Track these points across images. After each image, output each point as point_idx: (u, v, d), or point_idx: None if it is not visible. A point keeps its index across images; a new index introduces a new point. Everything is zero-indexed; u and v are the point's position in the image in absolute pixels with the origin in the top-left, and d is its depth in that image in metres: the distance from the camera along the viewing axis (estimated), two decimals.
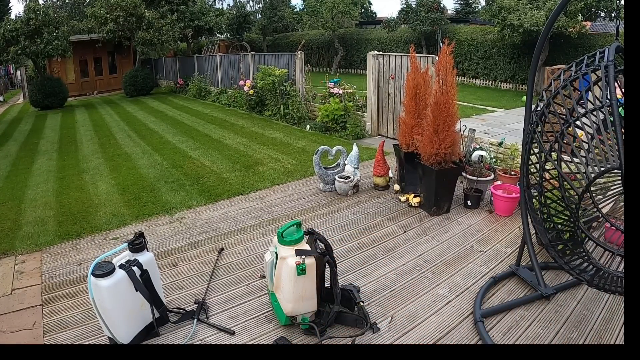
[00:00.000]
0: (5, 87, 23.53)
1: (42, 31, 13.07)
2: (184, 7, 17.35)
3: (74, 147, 8.10)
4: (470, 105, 10.97)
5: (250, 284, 3.05)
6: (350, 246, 3.57)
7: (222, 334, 2.52)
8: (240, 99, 11.07)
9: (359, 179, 4.85)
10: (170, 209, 4.57)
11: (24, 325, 2.70)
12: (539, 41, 2.65)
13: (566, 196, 2.04)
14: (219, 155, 6.73)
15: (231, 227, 4.03)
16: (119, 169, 6.31)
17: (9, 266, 3.50)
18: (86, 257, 3.55)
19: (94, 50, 17.92)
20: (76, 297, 2.95)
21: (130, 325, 2.40)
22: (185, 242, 3.75)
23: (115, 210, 4.62)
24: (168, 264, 3.38)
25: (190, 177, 5.66)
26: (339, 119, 7.78)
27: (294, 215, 4.24)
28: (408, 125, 4.44)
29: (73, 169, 6.50)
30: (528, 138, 2.46)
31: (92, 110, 13.44)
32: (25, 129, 10.86)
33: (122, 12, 14.44)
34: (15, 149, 8.41)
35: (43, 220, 4.42)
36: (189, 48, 19.70)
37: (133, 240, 2.49)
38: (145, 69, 17.11)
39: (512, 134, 7.44)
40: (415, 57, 4.55)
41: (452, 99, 3.89)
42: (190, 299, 2.86)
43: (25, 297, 3.02)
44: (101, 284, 2.22)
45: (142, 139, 8.37)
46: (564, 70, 2.20)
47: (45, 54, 13.40)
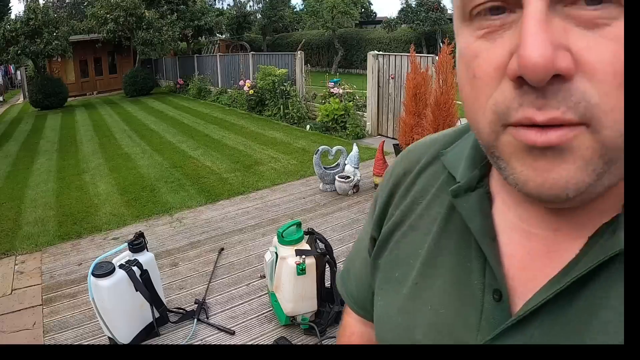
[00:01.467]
0: (5, 87, 23.54)
1: (42, 31, 13.07)
2: (184, 7, 17.35)
3: (74, 147, 8.10)
4: None
5: (250, 284, 3.05)
6: (350, 246, 3.57)
7: (222, 334, 2.52)
8: (240, 99, 11.06)
9: (359, 179, 4.85)
10: (170, 209, 4.57)
11: (24, 325, 2.70)
12: None
13: None
14: (219, 155, 6.73)
15: (231, 227, 4.03)
16: (119, 169, 6.31)
17: (9, 266, 3.51)
18: (86, 257, 3.55)
19: (94, 50, 17.91)
20: (76, 297, 2.95)
21: (130, 325, 2.40)
22: (185, 242, 3.75)
23: (115, 210, 4.62)
24: (168, 264, 3.38)
25: (190, 177, 5.66)
26: (339, 119, 7.78)
27: (294, 215, 4.24)
28: (408, 125, 4.45)
29: (73, 169, 6.51)
30: None
31: (92, 110, 13.44)
32: (25, 129, 10.86)
33: (122, 12, 14.44)
34: (15, 149, 8.41)
35: (43, 221, 4.42)
36: (189, 48, 19.70)
37: (133, 240, 2.49)
38: (145, 69, 17.11)
39: None
40: (415, 57, 4.55)
41: (452, 99, 3.90)
42: (190, 299, 2.86)
43: (26, 297, 3.02)
44: (101, 284, 2.22)
45: (142, 139, 8.37)
46: None
47: (45, 54, 13.40)
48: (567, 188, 0.30)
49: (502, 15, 0.30)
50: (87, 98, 17.76)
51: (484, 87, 0.32)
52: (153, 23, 14.93)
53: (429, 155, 0.51)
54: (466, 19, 0.33)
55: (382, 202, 0.53)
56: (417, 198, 0.49)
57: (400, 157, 0.55)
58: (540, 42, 0.27)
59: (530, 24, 0.27)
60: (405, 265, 0.47)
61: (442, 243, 0.44)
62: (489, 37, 0.31)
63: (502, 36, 0.31)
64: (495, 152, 0.33)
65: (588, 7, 0.27)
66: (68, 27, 14.64)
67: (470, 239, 0.41)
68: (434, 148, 0.51)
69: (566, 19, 0.28)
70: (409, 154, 0.54)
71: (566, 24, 0.28)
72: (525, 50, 0.27)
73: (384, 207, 0.52)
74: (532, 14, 0.28)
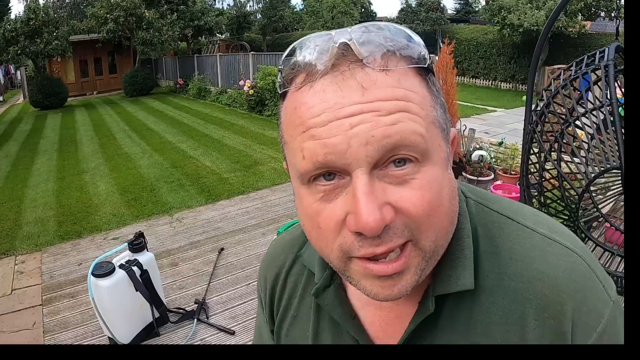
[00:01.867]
0: (5, 87, 23.54)
1: (42, 31, 13.07)
2: (184, 7, 17.33)
3: (74, 147, 8.10)
4: (470, 105, 10.97)
5: (250, 284, 3.05)
6: None
7: (222, 334, 2.52)
8: (240, 98, 11.06)
9: None
10: (170, 209, 4.57)
11: (24, 325, 2.70)
12: (539, 41, 2.65)
13: (566, 196, 2.04)
14: (219, 155, 6.72)
15: (231, 227, 4.03)
16: (119, 169, 6.31)
17: (9, 266, 3.51)
18: (86, 257, 3.55)
19: (94, 50, 17.90)
20: (76, 297, 2.95)
21: (130, 325, 2.40)
22: (185, 242, 3.75)
23: (115, 210, 4.62)
24: (168, 264, 3.38)
25: (190, 177, 5.66)
26: None
27: (294, 215, 4.24)
28: None
29: (73, 169, 6.51)
30: (528, 138, 2.46)
31: (92, 110, 13.44)
32: (25, 129, 10.86)
33: (122, 12, 14.43)
34: (15, 149, 8.41)
35: (43, 220, 4.42)
36: (189, 48, 19.69)
37: (133, 240, 2.49)
38: (145, 69, 17.10)
39: (512, 133, 7.44)
40: None
41: (452, 99, 3.90)
42: (190, 299, 2.86)
43: (26, 297, 3.02)
44: (101, 284, 2.22)
45: (142, 139, 8.37)
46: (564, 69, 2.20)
47: (45, 54, 13.40)
48: (406, 290, 0.42)
49: (334, 180, 0.40)
50: (87, 98, 17.76)
51: (329, 235, 0.42)
52: (153, 23, 14.92)
53: (290, 259, 0.63)
54: (304, 183, 0.42)
55: (268, 303, 0.65)
56: (292, 293, 0.61)
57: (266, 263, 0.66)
58: (371, 210, 0.37)
59: (360, 196, 0.38)
60: None
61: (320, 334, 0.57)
62: (326, 198, 0.41)
63: (337, 198, 0.40)
64: (345, 274, 0.44)
65: (396, 168, 0.39)
66: (68, 27, 14.64)
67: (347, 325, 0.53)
68: (291, 252, 0.63)
69: (383, 179, 0.39)
70: (274, 261, 0.65)
71: (384, 185, 0.39)
72: (360, 217, 0.37)
73: (270, 306, 0.64)
74: (360, 188, 0.38)
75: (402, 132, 0.38)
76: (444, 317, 0.48)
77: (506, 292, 0.47)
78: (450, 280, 0.47)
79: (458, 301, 0.48)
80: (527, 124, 2.58)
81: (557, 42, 12.56)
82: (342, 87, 0.38)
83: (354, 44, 0.39)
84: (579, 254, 0.47)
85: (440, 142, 0.42)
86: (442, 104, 0.43)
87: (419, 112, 0.39)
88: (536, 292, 0.46)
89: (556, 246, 0.47)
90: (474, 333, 0.47)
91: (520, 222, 0.49)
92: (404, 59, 0.40)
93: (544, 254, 0.47)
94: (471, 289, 0.47)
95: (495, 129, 8.17)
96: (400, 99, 0.38)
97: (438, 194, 0.40)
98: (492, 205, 0.52)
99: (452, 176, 0.44)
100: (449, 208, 0.42)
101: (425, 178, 0.39)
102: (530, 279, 0.46)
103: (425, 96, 0.41)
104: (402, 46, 0.40)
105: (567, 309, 0.45)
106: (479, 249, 0.48)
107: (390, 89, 0.38)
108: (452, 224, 0.45)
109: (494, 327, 0.47)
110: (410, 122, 0.38)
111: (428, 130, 0.40)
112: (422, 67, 0.42)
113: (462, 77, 15.56)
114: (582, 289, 0.46)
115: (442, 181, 0.41)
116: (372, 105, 0.37)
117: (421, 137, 0.39)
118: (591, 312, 0.46)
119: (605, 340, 0.46)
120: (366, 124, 0.37)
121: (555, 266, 0.46)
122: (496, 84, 14.83)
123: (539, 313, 0.46)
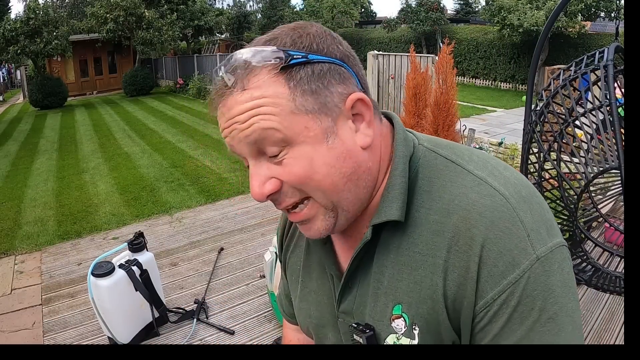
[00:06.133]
0: (5, 86, 23.52)
1: (42, 31, 13.07)
2: (183, 7, 17.33)
3: (74, 147, 8.10)
4: (470, 105, 10.98)
5: (250, 283, 3.05)
6: None
7: (222, 334, 2.52)
8: None
9: None
10: (170, 208, 4.57)
11: (24, 325, 2.70)
12: (539, 41, 2.65)
13: (565, 196, 2.04)
14: (219, 155, 6.72)
15: (231, 227, 4.03)
16: (119, 168, 6.31)
17: (8, 266, 3.50)
18: (86, 256, 3.55)
19: (93, 50, 17.90)
20: (76, 297, 2.95)
21: (130, 325, 2.40)
22: (185, 242, 3.75)
23: (115, 210, 4.62)
24: (168, 263, 3.38)
25: (190, 177, 5.66)
26: None
27: None
28: (408, 125, 4.44)
29: (73, 168, 6.50)
30: (527, 138, 2.46)
31: (92, 110, 13.44)
32: (25, 128, 10.86)
33: (122, 11, 14.42)
34: (15, 148, 8.40)
35: (43, 220, 4.42)
36: (188, 48, 19.69)
37: (133, 240, 2.49)
38: (145, 69, 17.09)
39: (512, 134, 7.44)
40: (415, 57, 4.55)
41: (452, 99, 3.90)
42: (190, 299, 2.86)
43: (25, 296, 3.02)
44: (101, 283, 2.22)
45: (142, 139, 8.37)
46: (564, 70, 2.20)
47: (45, 53, 13.40)
48: (321, 232, 0.56)
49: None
50: (87, 98, 17.75)
51: None
52: (153, 23, 14.92)
53: None
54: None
55: (280, 235, 0.79)
56: (295, 229, 0.75)
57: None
58: (255, 186, 0.53)
59: (250, 176, 0.53)
60: (296, 273, 0.74)
61: (310, 257, 0.70)
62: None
63: None
64: None
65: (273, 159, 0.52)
66: (68, 27, 14.62)
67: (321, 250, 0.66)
68: None
69: (271, 160, 0.52)
70: None
71: (270, 165, 0.52)
72: (251, 190, 0.53)
73: (281, 238, 0.79)
74: (250, 171, 0.54)
75: (256, 131, 0.50)
76: (380, 245, 0.57)
77: (430, 225, 0.53)
78: (380, 212, 0.55)
79: (392, 231, 0.56)
80: (526, 124, 2.59)
81: (557, 42, 12.56)
82: (222, 112, 0.52)
83: (224, 77, 0.51)
84: (506, 196, 0.50)
85: (308, 123, 0.50)
86: (308, 90, 0.50)
87: (271, 111, 0.49)
88: (451, 225, 0.51)
89: (484, 186, 0.52)
90: (401, 261, 0.55)
91: (461, 165, 0.55)
92: (265, 68, 0.50)
93: (467, 191, 0.52)
94: (401, 221, 0.54)
95: (495, 129, 8.18)
96: (251, 108, 0.49)
97: (307, 165, 0.51)
98: (441, 151, 0.57)
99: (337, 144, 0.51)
100: (329, 171, 0.51)
101: (292, 156, 0.51)
102: (449, 213, 0.52)
103: (280, 93, 0.49)
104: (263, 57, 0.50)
105: (476, 244, 0.49)
106: (416, 187, 0.56)
107: (243, 104, 0.50)
108: (351, 179, 0.53)
109: (418, 256, 0.54)
110: (262, 122, 0.49)
111: (286, 120, 0.49)
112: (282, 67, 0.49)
113: (462, 77, 15.56)
114: (496, 228, 0.48)
115: (313, 154, 0.50)
116: (234, 119, 0.51)
117: (274, 130, 0.49)
118: (503, 255, 0.48)
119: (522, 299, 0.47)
120: (234, 131, 0.51)
121: (474, 202, 0.51)
122: (496, 84, 14.83)
123: (452, 245, 0.51)
